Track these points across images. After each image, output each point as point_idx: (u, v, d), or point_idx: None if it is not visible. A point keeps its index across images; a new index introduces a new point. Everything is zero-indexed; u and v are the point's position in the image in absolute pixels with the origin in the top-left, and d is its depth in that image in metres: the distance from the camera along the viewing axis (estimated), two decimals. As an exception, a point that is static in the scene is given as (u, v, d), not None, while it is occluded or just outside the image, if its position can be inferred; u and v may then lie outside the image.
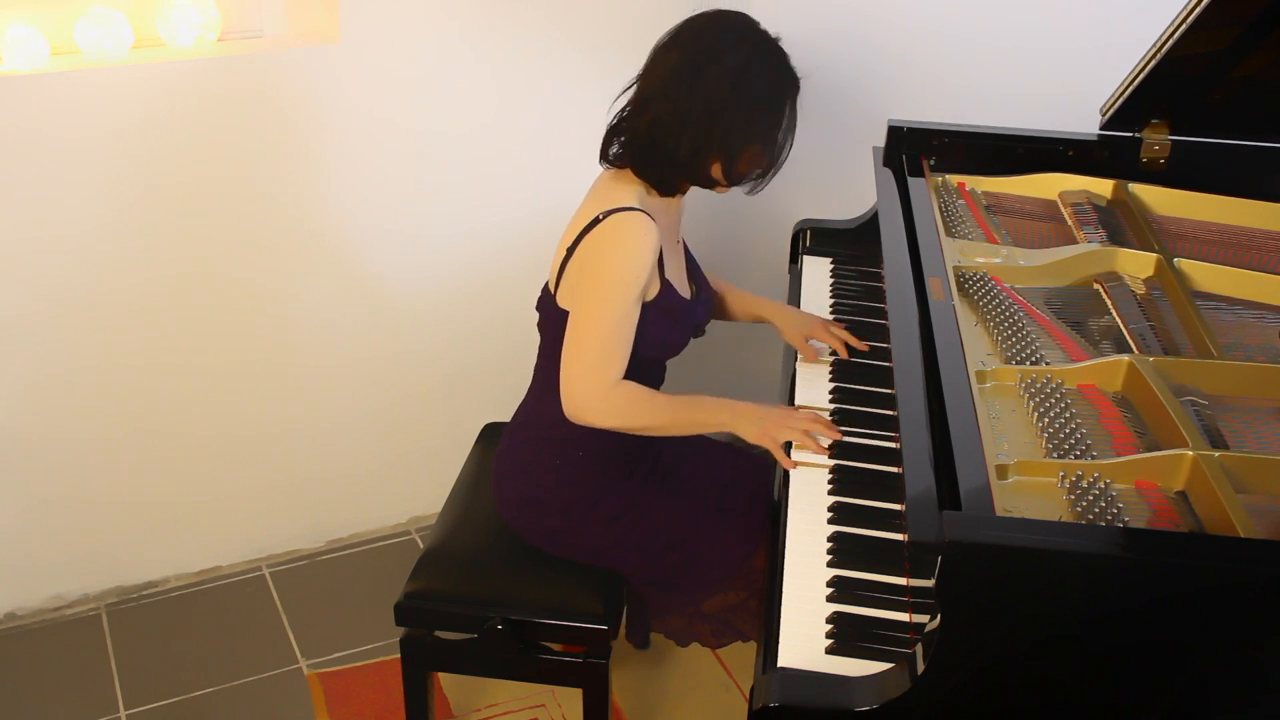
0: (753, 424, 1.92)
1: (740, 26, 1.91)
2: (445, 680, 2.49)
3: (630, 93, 1.96)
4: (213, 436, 2.69)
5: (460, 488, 2.25)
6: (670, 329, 1.99)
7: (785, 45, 1.92)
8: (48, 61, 2.32)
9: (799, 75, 1.93)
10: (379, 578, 2.80)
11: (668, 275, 1.97)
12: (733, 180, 1.94)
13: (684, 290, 2.05)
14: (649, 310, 1.94)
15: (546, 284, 2.03)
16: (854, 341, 2.15)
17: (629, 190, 1.95)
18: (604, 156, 2.00)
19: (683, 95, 1.86)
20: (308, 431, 2.78)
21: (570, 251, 1.94)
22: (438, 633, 2.05)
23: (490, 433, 2.38)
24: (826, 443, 1.89)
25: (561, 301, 1.97)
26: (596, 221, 1.90)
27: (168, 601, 2.74)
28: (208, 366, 2.61)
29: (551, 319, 2.00)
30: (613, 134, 1.99)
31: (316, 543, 2.91)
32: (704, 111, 1.86)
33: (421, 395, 2.87)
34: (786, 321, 2.21)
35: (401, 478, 2.94)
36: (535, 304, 2.06)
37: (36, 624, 2.65)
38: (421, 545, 2.79)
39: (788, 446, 1.90)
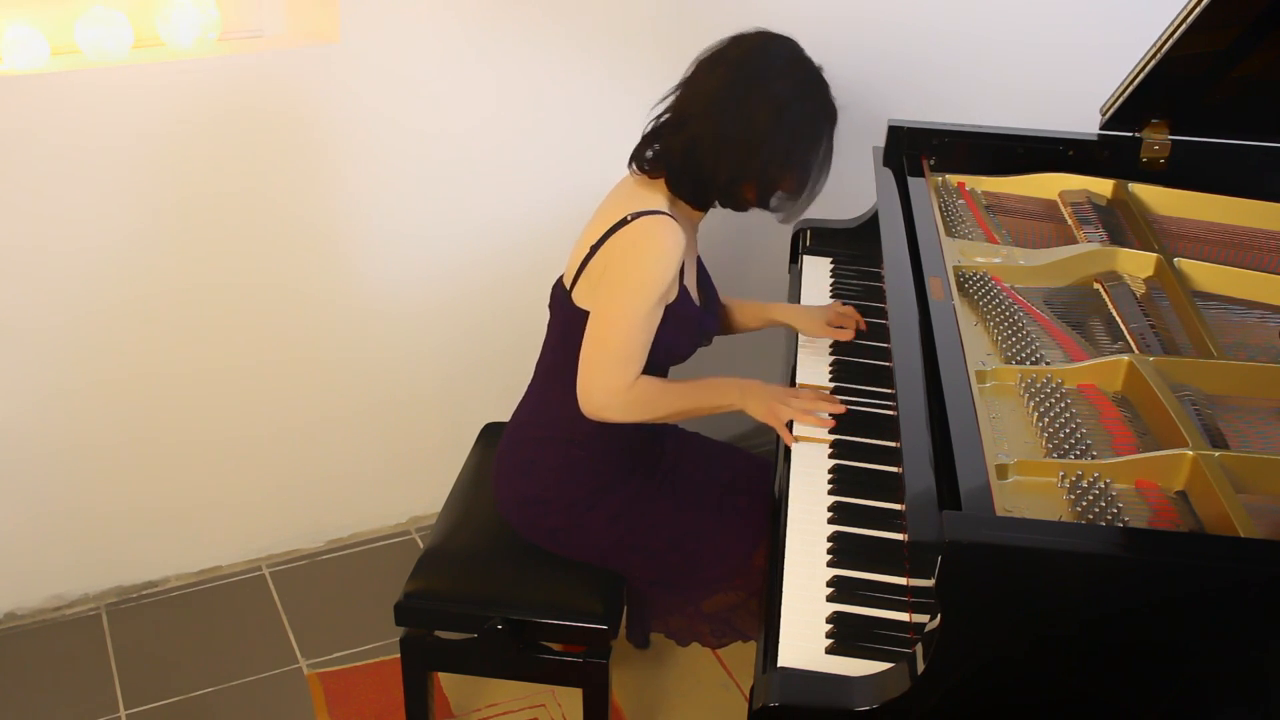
0: (760, 402, 1.97)
1: (788, 54, 1.90)
2: (445, 680, 2.49)
3: (670, 100, 1.93)
4: (213, 437, 2.69)
5: (460, 487, 2.25)
6: (679, 335, 1.99)
7: None
8: (48, 61, 2.32)
9: (837, 107, 1.93)
10: (379, 578, 2.80)
11: (685, 282, 1.97)
12: (765, 206, 1.95)
13: (697, 299, 2.05)
14: (663, 314, 1.94)
15: (561, 280, 2.03)
16: (857, 318, 2.20)
17: (658, 196, 1.95)
18: (639, 163, 1.97)
19: (725, 119, 1.85)
20: (308, 431, 2.78)
21: (594, 250, 1.93)
22: (438, 633, 2.05)
23: (490, 432, 2.38)
24: (828, 416, 1.94)
25: (578, 299, 1.97)
26: (624, 222, 1.90)
27: (168, 601, 2.74)
28: (207, 366, 2.61)
29: (565, 315, 2.00)
30: (648, 141, 1.96)
31: (316, 543, 2.91)
32: (744, 138, 1.85)
33: (422, 395, 2.87)
34: (804, 320, 2.22)
35: (401, 478, 2.94)
36: (548, 301, 2.06)
37: (36, 624, 2.65)
38: (421, 545, 2.79)
39: (791, 426, 1.94)
